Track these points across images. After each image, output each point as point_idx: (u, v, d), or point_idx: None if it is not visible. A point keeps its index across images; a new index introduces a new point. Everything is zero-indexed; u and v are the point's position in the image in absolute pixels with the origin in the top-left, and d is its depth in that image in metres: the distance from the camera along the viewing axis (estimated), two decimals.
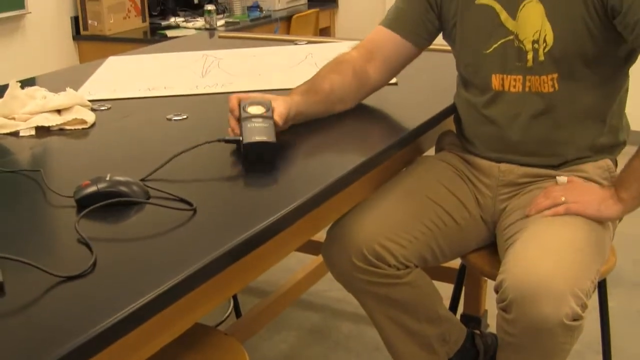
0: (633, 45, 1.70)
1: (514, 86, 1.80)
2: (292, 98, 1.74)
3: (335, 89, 1.84)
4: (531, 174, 1.82)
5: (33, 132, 1.79)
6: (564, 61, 1.74)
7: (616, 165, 1.87)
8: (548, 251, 1.57)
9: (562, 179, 1.76)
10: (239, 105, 1.63)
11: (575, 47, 1.72)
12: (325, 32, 5.58)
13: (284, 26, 5.04)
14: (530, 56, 1.76)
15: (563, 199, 1.68)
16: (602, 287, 1.95)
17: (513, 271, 1.54)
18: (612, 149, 1.85)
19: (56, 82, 2.19)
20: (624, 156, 1.78)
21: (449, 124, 2.02)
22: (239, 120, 1.60)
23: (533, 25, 1.74)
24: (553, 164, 1.82)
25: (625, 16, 1.64)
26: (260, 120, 1.56)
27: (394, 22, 1.93)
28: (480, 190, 1.88)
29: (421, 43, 1.94)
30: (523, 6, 1.75)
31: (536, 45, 1.75)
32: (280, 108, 1.65)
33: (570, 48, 1.72)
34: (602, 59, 1.73)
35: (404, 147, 1.79)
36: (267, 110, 1.59)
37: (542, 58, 1.74)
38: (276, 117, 1.62)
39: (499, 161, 1.85)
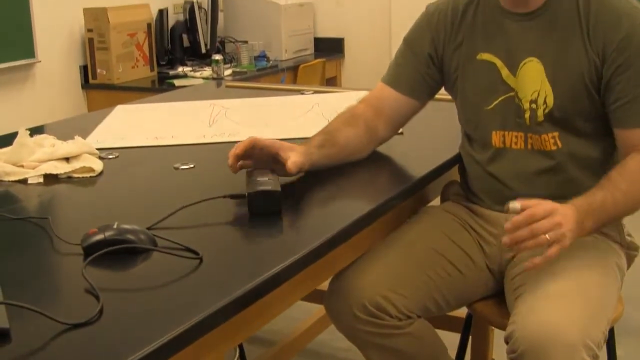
0: (609, 114, 1.73)
1: (516, 143, 1.81)
2: (308, 149, 1.75)
3: (350, 143, 1.86)
4: None
5: (41, 180, 1.80)
6: (564, 120, 1.76)
7: None
8: (558, 301, 1.57)
9: (514, 205, 1.59)
10: (250, 147, 1.65)
11: (575, 106, 1.74)
12: (331, 81, 5.62)
13: (290, 76, 5.08)
14: (527, 115, 1.78)
15: (547, 237, 1.63)
16: (610, 335, 1.94)
17: (524, 322, 1.54)
18: None
19: (65, 130, 2.21)
20: None
21: (454, 174, 2.02)
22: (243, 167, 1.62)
23: (532, 84, 1.77)
24: None
25: (612, 91, 1.70)
26: (265, 177, 1.58)
27: (394, 79, 1.95)
28: (485, 239, 1.88)
29: (423, 98, 1.96)
30: (524, 64, 1.77)
31: (533, 106, 1.77)
32: (297, 157, 1.67)
33: (570, 108, 1.74)
34: (603, 115, 1.75)
35: (409, 197, 1.80)
36: (272, 174, 1.61)
37: (541, 119, 1.76)
38: (290, 165, 1.63)
39: (504, 212, 1.85)
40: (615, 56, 1.68)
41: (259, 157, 1.69)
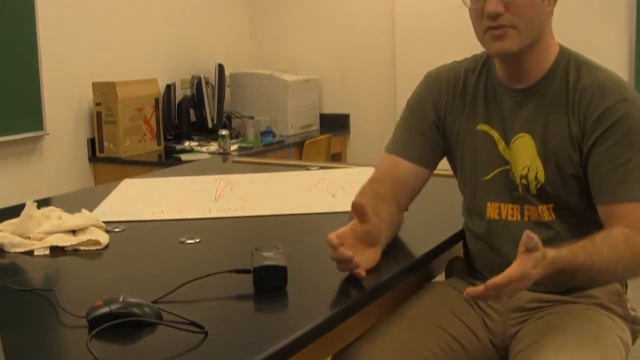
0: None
1: (512, 215, 1.83)
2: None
3: (393, 221, 1.83)
4: (540, 299, 1.82)
5: (47, 252, 1.81)
6: (556, 195, 1.77)
7: (626, 287, 1.88)
8: None
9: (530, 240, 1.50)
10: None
11: (564, 183, 1.76)
12: (337, 157, 5.66)
13: (296, 151, 5.12)
14: (520, 189, 1.80)
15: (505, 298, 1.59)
16: None
17: None
18: None
19: (72, 202, 2.22)
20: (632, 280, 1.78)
21: (458, 249, 2.03)
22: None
23: (523, 160, 1.79)
24: (561, 290, 1.82)
25: (589, 164, 1.72)
26: (271, 252, 1.59)
27: (403, 148, 1.94)
28: (489, 315, 1.87)
29: (433, 165, 1.96)
30: (516, 139, 1.80)
31: (524, 181, 1.79)
32: (343, 228, 1.62)
33: (560, 185, 1.76)
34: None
35: (413, 273, 1.80)
36: (278, 249, 1.61)
37: (534, 192, 1.78)
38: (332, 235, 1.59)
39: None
40: (594, 129, 1.71)
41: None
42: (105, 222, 2.01)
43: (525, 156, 1.79)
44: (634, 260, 1.66)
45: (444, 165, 2.00)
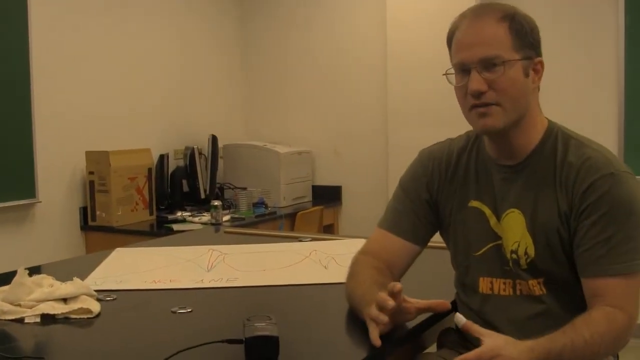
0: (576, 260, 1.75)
1: (504, 290, 1.83)
2: None
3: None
4: None
5: (38, 320, 1.81)
6: (547, 270, 1.78)
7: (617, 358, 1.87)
8: None
9: (459, 319, 1.64)
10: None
11: (554, 259, 1.76)
12: (329, 228, 5.67)
13: (288, 222, 5.12)
14: (511, 264, 1.81)
15: None
16: None
17: None
18: None
19: (63, 270, 2.22)
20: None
21: (450, 321, 2.02)
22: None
23: (514, 235, 1.81)
24: None
25: (575, 238, 1.73)
26: (263, 322, 1.58)
27: (396, 226, 1.97)
28: None
29: (424, 242, 1.99)
30: (506, 214, 1.82)
31: (514, 256, 1.80)
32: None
33: (550, 260, 1.77)
34: None
35: (405, 344, 1.80)
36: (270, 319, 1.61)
37: (525, 267, 1.79)
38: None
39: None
40: (580, 204, 1.72)
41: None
42: (97, 291, 2.00)
43: (515, 232, 1.80)
44: (617, 337, 1.67)
45: (436, 237, 2.01)
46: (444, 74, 1.83)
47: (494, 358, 1.53)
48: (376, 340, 1.61)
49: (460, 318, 1.64)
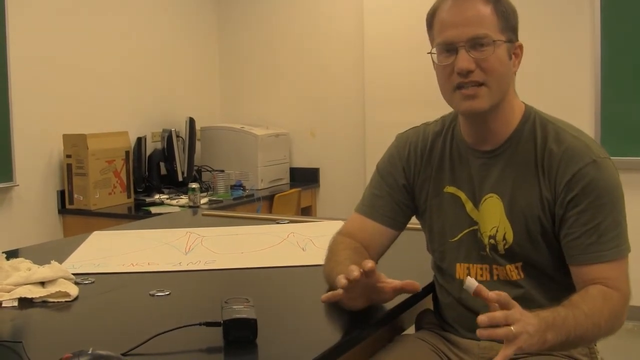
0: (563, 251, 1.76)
1: (481, 275, 1.84)
2: None
3: None
4: None
5: (16, 304, 1.80)
6: (525, 255, 1.79)
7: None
8: None
9: (470, 281, 1.57)
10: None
11: (532, 244, 1.78)
12: (306, 211, 5.68)
13: (266, 205, 5.13)
14: (487, 249, 1.82)
15: (513, 329, 1.54)
16: None
17: None
18: None
19: (41, 254, 2.22)
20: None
21: (428, 302, 2.04)
22: None
23: (491, 220, 1.81)
24: None
25: (562, 228, 1.74)
26: (241, 305, 1.59)
27: (373, 211, 1.98)
28: None
29: (402, 226, 2.00)
30: (484, 200, 1.83)
31: (492, 241, 1.81)
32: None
33: (528, 245, 1.78)
34: (562, 252, 1.78)
35: (383, 326, 1.81)
36: (248, 302, 1.62)
37: (502, 252, 1.80)
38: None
39: (478, 339, 1.86)
40: (565, 194, 1.73)
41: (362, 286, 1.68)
42: (74, 274, 2.00)
43: (493, 217, 1.81)
44: (614, 313, 1.67)
45: (414, 220, 2.03)
46: (429, 53, 1.82)
47: (516, 322, 1.51)
48: (322, 297, 1.70)
49: (471, 282, 1.57)
